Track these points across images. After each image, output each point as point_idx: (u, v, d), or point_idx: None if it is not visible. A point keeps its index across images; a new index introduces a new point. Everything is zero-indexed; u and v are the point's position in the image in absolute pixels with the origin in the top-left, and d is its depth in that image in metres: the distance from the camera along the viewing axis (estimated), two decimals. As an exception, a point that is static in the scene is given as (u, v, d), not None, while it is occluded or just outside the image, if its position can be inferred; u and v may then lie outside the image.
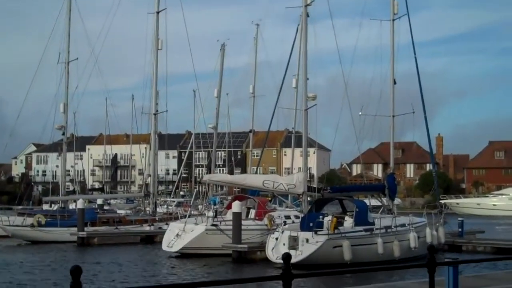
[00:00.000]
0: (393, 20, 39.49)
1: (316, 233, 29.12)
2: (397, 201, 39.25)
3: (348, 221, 31.61)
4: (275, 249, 29.42)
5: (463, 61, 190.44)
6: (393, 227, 32.16)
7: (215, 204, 39.23)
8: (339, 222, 30.88)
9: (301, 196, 36.98)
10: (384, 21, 39.68)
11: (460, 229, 38.95)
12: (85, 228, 42.61)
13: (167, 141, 74.17)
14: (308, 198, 36.01)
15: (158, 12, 49.60)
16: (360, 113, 39.52)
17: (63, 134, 50.28)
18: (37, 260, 33.52)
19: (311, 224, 29.91)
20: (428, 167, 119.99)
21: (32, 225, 43.70)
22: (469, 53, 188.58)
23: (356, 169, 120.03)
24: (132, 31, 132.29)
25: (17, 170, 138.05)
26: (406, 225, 33.26)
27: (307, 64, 36.83)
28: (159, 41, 49.40)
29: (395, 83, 39.17)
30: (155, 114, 50.21)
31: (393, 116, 39.19)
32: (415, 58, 39.53)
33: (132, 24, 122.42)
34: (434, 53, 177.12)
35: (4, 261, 32.75)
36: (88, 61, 50.88)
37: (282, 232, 29.91)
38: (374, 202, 39.71)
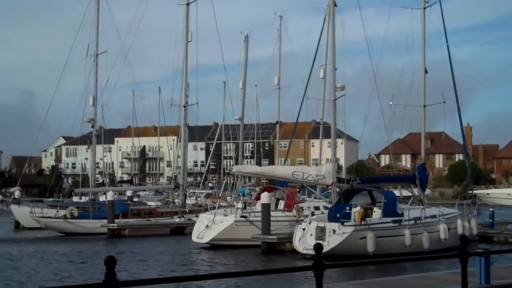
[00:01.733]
0: (424, 8, 39.21)
1: (343, 224, 29.07)
2: (427, 191, 38.98)
3: (377, 212, 31.53)
4: (302, 240, 29.44)
5: (494, 49, 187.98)
6: (422, 218, 31.93)
7: (244, 196, 39.35)
8: (367, 214, 30.82)
9: (329, 187, 36.90)
10: (415, 9, 39.45)
11: (491, 220, 38.61)
12: (117, 220, 43.06)
13: (196, 133, 74.42)
14: (337, 189, 35.90)
15: (188, 4, 49.58)
16: (390, 103, 39.26)
17: (92, 126, 50.58)
18: (70, 251, 33.98)
19: (338, 215, 29.83)
20: (457, 157, 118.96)
21: (65, 217, 44.25)
22: (500, 41, 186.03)
23: (384, 160, 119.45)
24: (160, 23, 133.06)
25: (47, 163, 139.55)
26: (437, 216, 32.97)
27: (335, 54, 36.68)
28: (189, 33, 49.23)
29: (426, 72, 38.85)
30: (185, 106, 50.20)
31: (424, 106, 38.89)
32: (447, 46, 39.13)
33: (161, 16, 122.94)
34: (464, 41, 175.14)
35: (38, 251, 33.27)
36: (117, 54, 51.27)
37: (310, 222, 29.91)
38: (404, 193, 39.47)
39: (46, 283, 22.41)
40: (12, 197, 55.65)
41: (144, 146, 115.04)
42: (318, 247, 8.97)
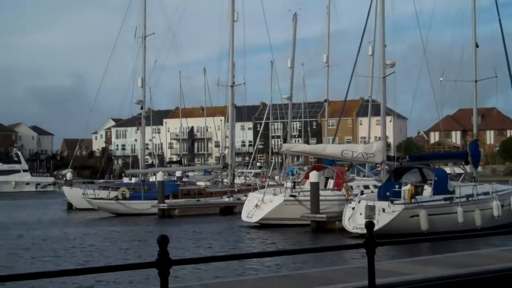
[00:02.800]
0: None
1: (392, 202, 28.84)
2: (478, 168, 38.37)
3: (427, 190, 31.17)
4: (351, 219, 29.30)
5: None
6: (474, 195, 31.46)
7: (293, 175, 39.30)
8: (417, 192, 30.49)
9: (379, 165, 36.61)
10: None
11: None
12: (167, 201, 43.57)
13: (244, 113, 74.58)
14: (386, 167, 35.56)
15: (234, -17, 49.33)
16: (441, 79, 38.65)
17: (141, 108, 51.11)
18: (123, 230, 34.58)
19: (388, 194, 29.49)
20: (509, 133, 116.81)
21: (116, 198, 44.96)
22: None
23: (434, 137, 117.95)
24: (207, 3, 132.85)
25: (97, 145, 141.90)
26: (490, 193, 32.46)
27: (384, 30, 36.14)
28: (235, 12, 49.04)
29: (477, 46, 38.10)
30: (232, 86, 50.21)
31: (476, 81, 38.18)
32: (499, 19, 38.33)
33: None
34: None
35: (94, 232, 33.97)
36: (164, 36, 51.41)
37: (359, 201, 29.74)
38: (456, 170, 38.89)
39: (99, 263, 22.86)
40: (64, 179, 56.80)
41: (192, 127, 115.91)
42: (369, 225, 8.89)
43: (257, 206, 34.66)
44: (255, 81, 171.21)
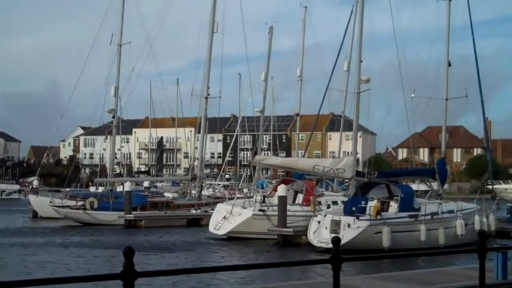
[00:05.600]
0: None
1: (358, 218, 28.88)
2: (445, 186, 38.72)
3: (393, 207, 31.27)
4: (317, 233, 29.30)
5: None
6: (439, 213, 31.61)
7: (262, 188, 39.26)
8: (383, 208, 30.64)
9: (347, 180, 36.72)
10: (440, 0, 39.08)
11: (509, 215, 38.27)
12: (134, 212, 43.25)
13: (215, 125, 74.45)
14: (355, 182, 35.71)
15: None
16: (412, 95, 38.87)
17: (113, 117, 50.44)
18: (88, 241, 34.23)
19: (354, 209, 29.55)
20: (476, 151, 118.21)
21: (84, 208, 44.48)
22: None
23: (402, 153, 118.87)
24: (185, 13, 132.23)
25: (65, 152, 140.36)
26: (454, 211, 32.67)
27: (362, 46, 36.10)
28: (215, 23, 48.26)
29: (449, 65, 38.46)
30: (206, 98, 49.58)
31: (446, 99, 38.56)
32: (473, 39, 38.67)
33: (187, 7, 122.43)
34: (492, 34, 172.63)
35: (56, 241, 33.56)
36: (141, 44, 50.85)
37: (325, 215, 29.76)
38: (422, 187, 39.17)
39: (62, 273, 22.61)
40: (31, 186, 56.13)
41: (162, 137, 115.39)
42: (336, 240, 8.97)
43: (225, 218, 34.55)
44: (226, 93, 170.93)
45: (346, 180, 37.10)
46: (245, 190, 51.13)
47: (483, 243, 10.77)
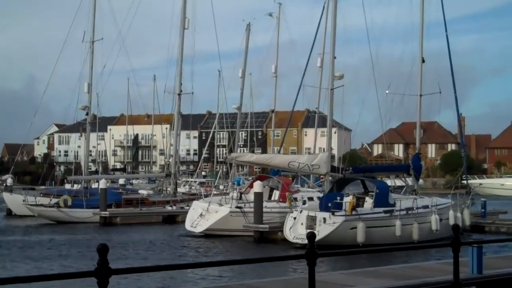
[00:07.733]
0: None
1: (333, 213, 29.02)
2: (420, 181, 38.98)
3: (368, 202, 31.46)
4: (293, 229, 29.40)
5: (496, 38, 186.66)
6: (414, 208, 31.86)
7: (239, 184, 39.19)
8: (358, 203, 30.79)
9: (323, 176, 36.83)
10: None
11: (483, 210, 38.69)
12: (109, 210, 43.01)
13: (188, 122, 74.25)
14: (330, 178, 35.81)
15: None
16: (387, 92, 39.06)
17: (87, 114, 50.13)
18: (63, 239, 33.95)
19: (329, 205, 29.65)
20: (450, 147, 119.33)
21: (58, 206, 44.09)
22: (502, 30, 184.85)
23: (377, 149, 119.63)
24: (157, 10, 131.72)
25: (39, 150, 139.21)
26: (429, 206, 32.92)
27: (335, 42, 36.01)
28: (186, 20, 48.55)
29: (423, 61, 38.67)
30: (179, 95, 49.75)
31: (420, 95, 38.80)
32: (447, 35, 38.89)
33: (158, 3, 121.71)
34: (466, 31, 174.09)
35: (31, 240, 33.25)
36: (114, 41, 50.45)
37: (301, 211, 29.87)
38: (398, 182, 39.40)
39: (35, 272, 22.41)
40: (4, 184, 55.54)
41: (137, 134, 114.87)
42: (311, 236, 8.96)
43: (201, 216, 34.42)
44: (202, 90, 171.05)
45: (322, 176, 37.18)
46: (221, 187, 51.03)
47: (457, 237, 10.84)
